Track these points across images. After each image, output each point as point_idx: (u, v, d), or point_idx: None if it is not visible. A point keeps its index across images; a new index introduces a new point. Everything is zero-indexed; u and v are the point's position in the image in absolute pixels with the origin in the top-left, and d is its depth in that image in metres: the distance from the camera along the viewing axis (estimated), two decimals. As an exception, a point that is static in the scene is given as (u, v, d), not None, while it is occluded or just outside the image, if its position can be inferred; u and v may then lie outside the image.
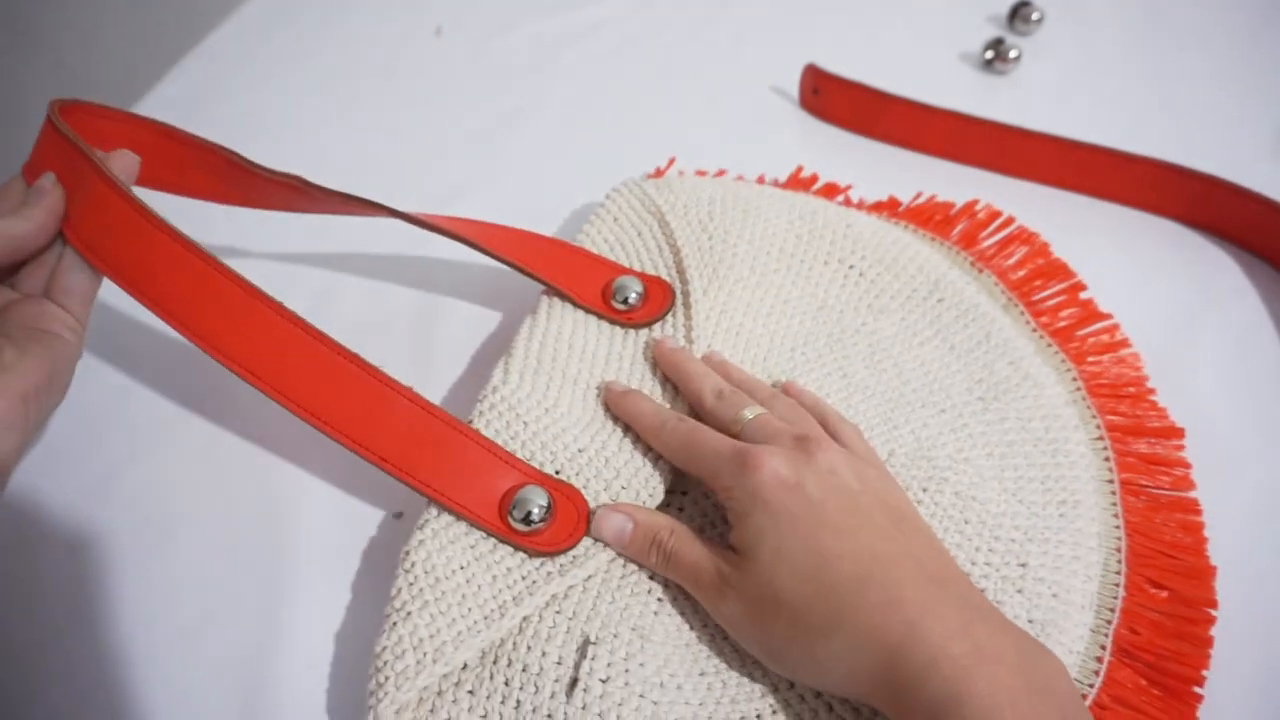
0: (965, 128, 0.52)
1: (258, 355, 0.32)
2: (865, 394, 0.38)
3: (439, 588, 0.31)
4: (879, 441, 0.36)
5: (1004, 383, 0.38)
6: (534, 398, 0.36)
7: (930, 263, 0.42)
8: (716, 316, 0.39)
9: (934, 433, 0.37)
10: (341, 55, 0.67)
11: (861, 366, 0.39)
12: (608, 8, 0.68)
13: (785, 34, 0.65)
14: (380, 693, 0.29)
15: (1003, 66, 0.59)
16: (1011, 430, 0.37)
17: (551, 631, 0.31)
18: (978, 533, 0.33)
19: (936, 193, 0.51)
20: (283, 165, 0.54)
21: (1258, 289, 0.45)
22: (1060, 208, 0.49)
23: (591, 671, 0.30)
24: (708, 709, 0.30)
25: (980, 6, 0.65)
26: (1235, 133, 0.53)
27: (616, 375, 0.37)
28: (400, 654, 0.29)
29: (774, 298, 0.41)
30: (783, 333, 0.40)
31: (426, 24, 0.69)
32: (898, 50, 0.62)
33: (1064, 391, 0.38)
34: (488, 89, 0.61)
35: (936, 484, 0.34)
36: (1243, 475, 0.37)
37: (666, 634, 0.31)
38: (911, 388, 0.38)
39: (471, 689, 0.30)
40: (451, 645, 0.30)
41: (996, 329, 0.40)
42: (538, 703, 0.29)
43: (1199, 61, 0.59)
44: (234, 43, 0.70)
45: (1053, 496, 0.35)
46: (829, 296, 0.41)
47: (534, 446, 0.34)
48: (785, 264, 0.42)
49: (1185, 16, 0.63)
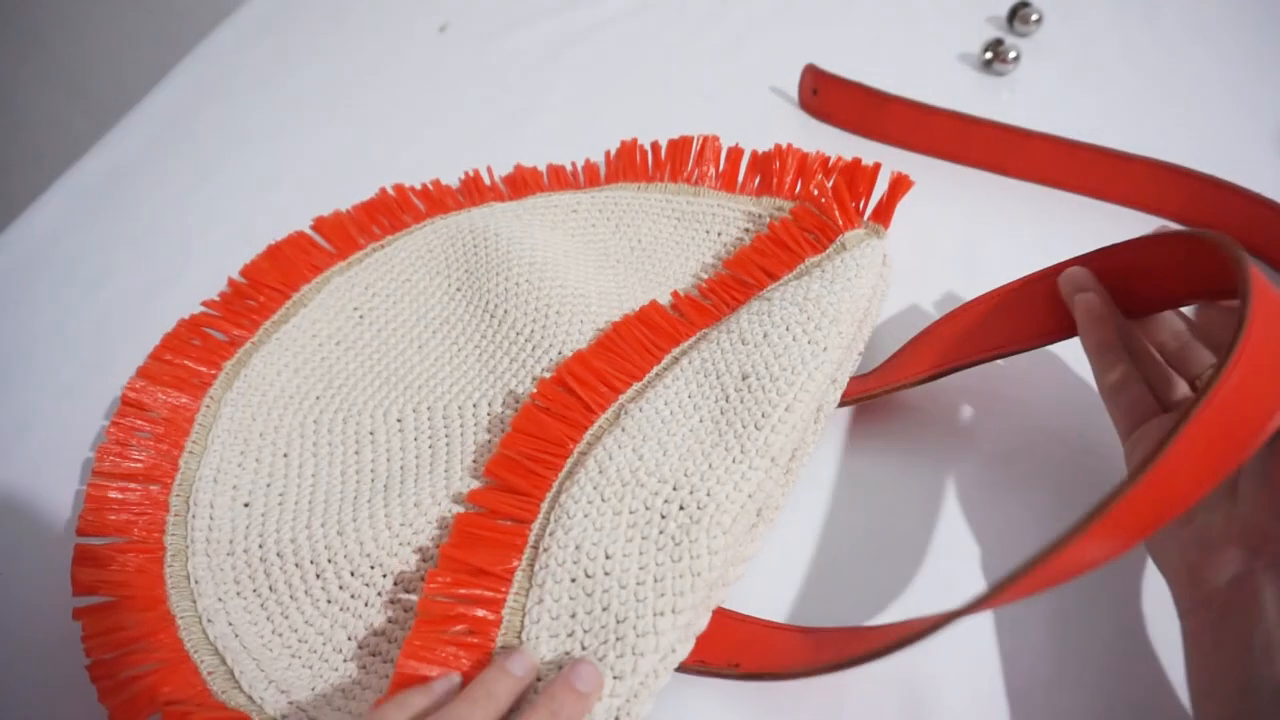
0: (964, 128, 0.52)
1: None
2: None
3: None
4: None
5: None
6: None
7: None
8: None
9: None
10: (341, 56, 0.67)
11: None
12: (608, 8, 0.68)
13: (785, 34, 0.65)
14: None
15: (1002, 67, 0.59)
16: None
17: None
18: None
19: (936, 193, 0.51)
20: (282, 166, 0.54)
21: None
22: (1060, 208, 0.49)
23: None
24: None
25: (979, 7, 0.65)
26: (1235, 133, 0.53)
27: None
28: None
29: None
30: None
31: (427, 24, 0.69)
32: (897, 51, 0.62)
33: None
34: (489, 89, 0.61)
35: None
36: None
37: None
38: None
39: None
40: None
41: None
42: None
43: (1199, 62, 0.59)
44: (234, 43, 0.70)
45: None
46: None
47: None
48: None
49: (1185, 17, 0.63)
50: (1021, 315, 0.37)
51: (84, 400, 0.44)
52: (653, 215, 0.48)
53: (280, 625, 0.35)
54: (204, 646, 0.33)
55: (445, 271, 0.47)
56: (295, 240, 0.50)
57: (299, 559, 0.35)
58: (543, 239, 0.47)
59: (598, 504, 0.33)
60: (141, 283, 0.50)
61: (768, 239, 0.44)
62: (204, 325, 0.45)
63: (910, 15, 0.66)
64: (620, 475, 0.34)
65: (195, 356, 0.44)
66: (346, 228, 0.50)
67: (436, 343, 0.45)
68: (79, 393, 0.44)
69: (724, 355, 0.37)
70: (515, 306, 0.44)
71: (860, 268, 0.40)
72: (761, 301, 0.39)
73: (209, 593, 0.35)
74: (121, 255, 0.52)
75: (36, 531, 0.39)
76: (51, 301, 0.50)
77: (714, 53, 0.64)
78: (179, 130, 0.62)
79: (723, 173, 0.49)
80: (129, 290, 0.49)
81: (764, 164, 0.49)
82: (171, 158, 0.59)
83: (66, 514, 0.39)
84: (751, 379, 0.35)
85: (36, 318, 0.49)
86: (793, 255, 0.43)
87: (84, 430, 0.43)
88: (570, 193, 0.51)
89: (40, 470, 0.41)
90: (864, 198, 0.44)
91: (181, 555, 0.36)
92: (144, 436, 0.40)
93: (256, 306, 0.46)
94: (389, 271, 0.48)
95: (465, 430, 0.40)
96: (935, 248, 0.47)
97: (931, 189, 0.51)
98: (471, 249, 0.47)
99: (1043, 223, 0.48)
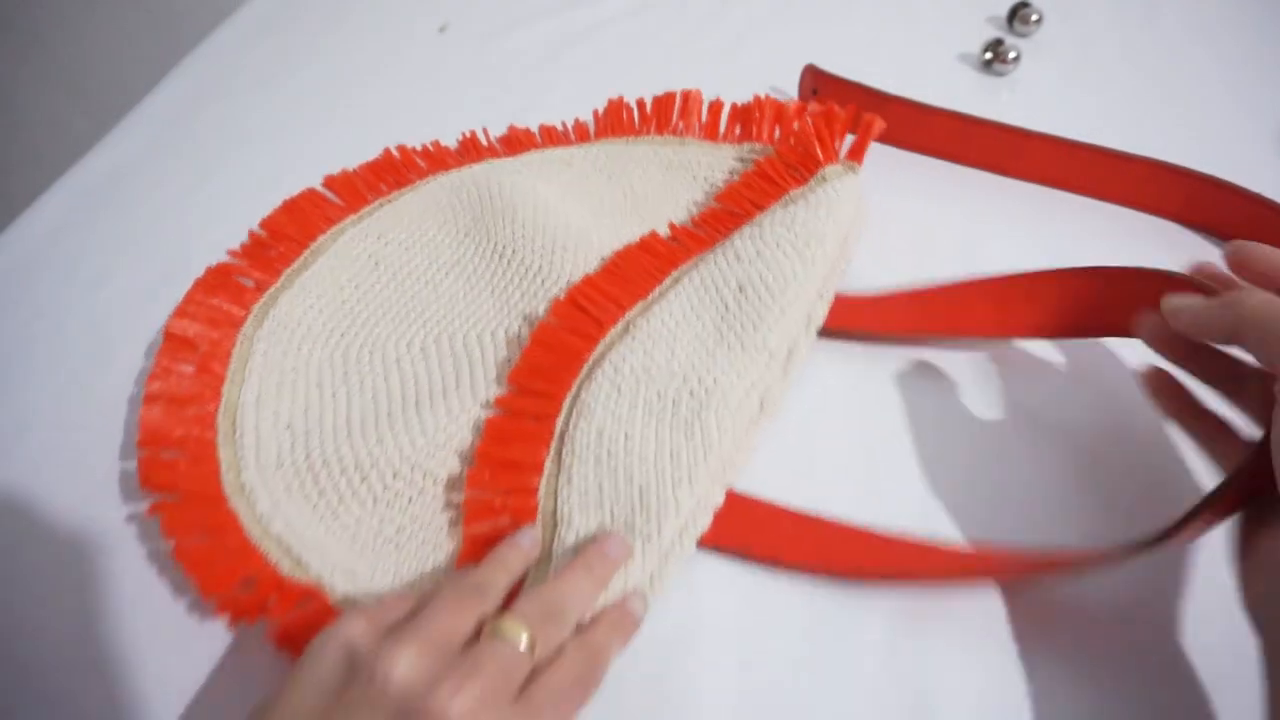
0: (964, 128, 0.52)
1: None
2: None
3: None
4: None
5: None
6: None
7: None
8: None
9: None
10: (341, 56, 0.67)
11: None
12: (608, 8, 0.68)
13: (785, 34, 0.65)
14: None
15: (1002, 67, 0.59)
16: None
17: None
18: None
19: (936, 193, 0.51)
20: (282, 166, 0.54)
21: (1257, 289, 0.45)
22: (1059, 208, 0.49)
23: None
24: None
25: (979, 7, 0.65)
26: (1235, 133, 0.53)
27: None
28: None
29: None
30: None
31: (428, 24, 0.69)
32: (897, 51, 0.62)
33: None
34: (489, 89, 0.61)
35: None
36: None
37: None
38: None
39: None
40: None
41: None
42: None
43: (1199, 62, 0.59)
44: (234, 43, 0.70)
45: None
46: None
47: None
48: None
49: (1185, 16, 0.63)
50: (1039, 306, 0.40)
51: (84, 400, 0.44)
52: (642, 165, 0.52)
53: (332, 525, 0.37)
54: (267, 539, 0.36)
55: (453, 220, 0.50)
56: (308, 195, 0.53)
57: (344, 466, 0.38)
58: (543, 189, 0.50)
59: (615, 396, 0.38)
60: (141, 283, 0.50)
61: (755, 175, 0.48)
62: (231, 272, 0.48)
63: (910, 15, 0.66)
64: (634, 372, 0.39)
65: (226, 298, 0.47)
66: (355, 184, 0.53)
67: (450, 283, 0.47)
68: (79, 393, 0.44)
69: (721, 271, 0.41)
70: (523, 245, 0.47)
71: (840, 196, 0.44)
72: (753, 226, 0.43)
73: (264, 499, 0.38)
74: (121, 255, 0.52)
75: (36, 531, 0.39)
76: (51, 301, 0.50)
77: (714, 53, 0.63)
78: (179, 130, 0.61)
79: (705, 124, 0.53)
80: (129, 290, 0.49)
81: (744, 114, 0.52)
82: (171, 158, 0.59)
83: (67, 514, 0.39)
84: (748, 289, 0.40)
85: (36, 318, 0.49)
86: (778, 188, 0.47)
87: (84, 430, 0.43)
88: (564, 148, 0.54)
89: (40, 470, 0.41)
90: (839, 137, 0.48)
91: (234, 468, 0.39)
92: (186, 368, 0.43)
93: (277, 255, 0.49)
94: (399, 223, 0.51)
95: (486, 353, 0.43)
96: (935, 248, 0.47)
97: (931, 189, 0.51)
98: (476, 199, 0.50)
99: (1043, 223, 0.48)
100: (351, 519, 0.38)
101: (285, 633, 0.33)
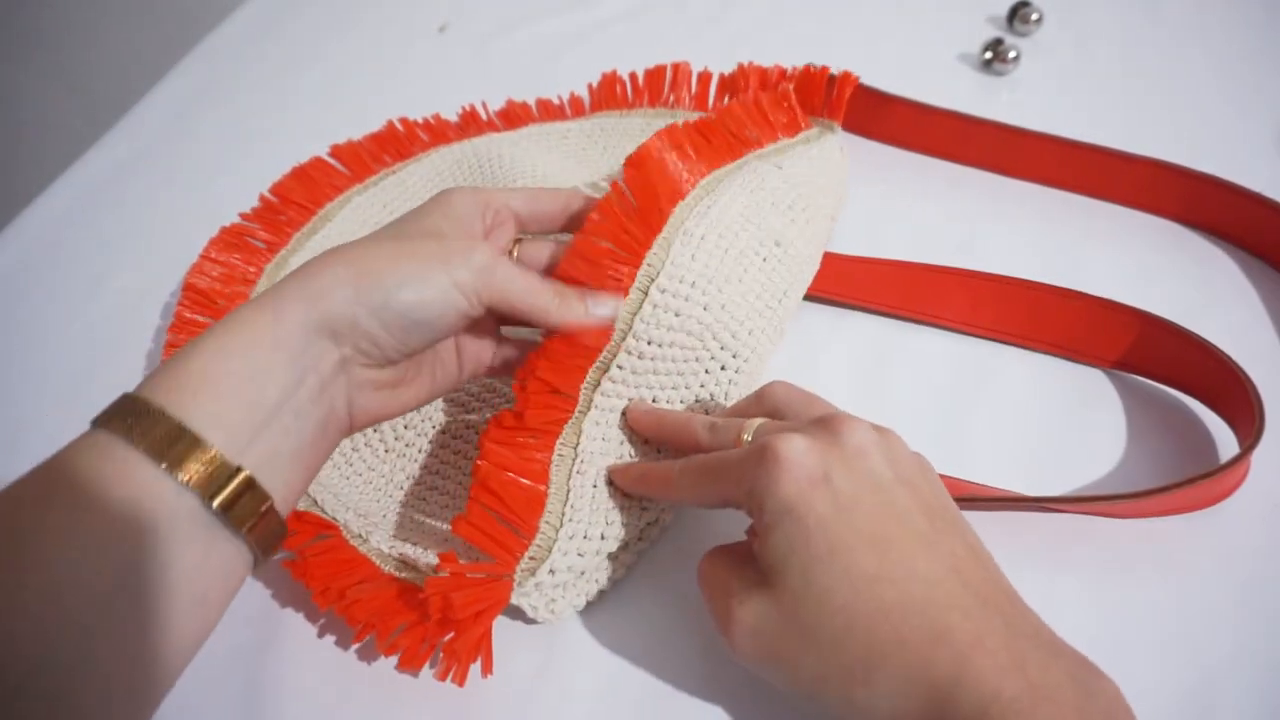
0: (965, 128, 0.52)
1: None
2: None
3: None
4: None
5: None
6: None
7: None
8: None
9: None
10: (342, 56, 0.67)
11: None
12: (608, 8, 0.68)
13: (785, 34, 0.65)
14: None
15: (1002, 67, 0.59)
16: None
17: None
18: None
19: (936, 193, 0.51)
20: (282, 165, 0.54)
21: (1257, 289, 0.45)
22: (1060, 208, 0.49)
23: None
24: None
25: (979, 7, 0.65)
26: (1235, 133, 0.53)
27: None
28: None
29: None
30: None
31: (427, 24, 0.69)
32: (897, 51, 0.62)
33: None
34: (489, 89, 0.61)
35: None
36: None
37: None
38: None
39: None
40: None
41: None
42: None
43: (1199, 61, 0.59)
44: (234, 43, 0.70)
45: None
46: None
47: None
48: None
49: (1185, 16, 0.63)
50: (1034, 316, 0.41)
51: (84, 400, 0.44)
52: (636, 137, 0.53)
53: (346, 471, 0.39)
54: None
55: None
56: (316, 163, 0.54)
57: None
58: (542, 160, 0.51)
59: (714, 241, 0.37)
60: (142, 282, 0.50)
61: (748, 104, 0.44)
62: (243, 234, 0.50)
63: (910, 15, 0.66)
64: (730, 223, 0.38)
65: (241, 257, 0.48)
66: (360, 154, 0.55)
67: None
68: (79, 393, 0.44)
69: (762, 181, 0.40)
70: None
71: (825, 157, 0.45)
72: (753, 171, 0.40)
73: None
74: (122, 255, 0.52)
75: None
76: (51, 301, 0.50)
77: (714, 54, 0.63)
78: (179, 130, 0.61)
79: (695, 94, 0.55)
80: (129, 290, 0.49)
81: (731, 83, 0.54)
82: (171, 158, 0.59)
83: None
84: (796, 206, 0.41)
85: (36, 318, 0.49)
86: (770, 129, 0.45)
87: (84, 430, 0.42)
88: (560, 122, 0.56)
89: (40, 470, 0.41)
90: (817, 96, 0.48)
91: None
92: (204, 320, 0.45)
93: (287, 220, 0.51)
94: (403, 193, 0.53)
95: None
96: (935, 248, 0.47)
97: (931, 189, 0.51)
98: (477, 169, 0.52)
99: (1043, 223, 0.48)
100: (365, 466, 0.39)
101: (303, 562, 0.34)
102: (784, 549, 0.26)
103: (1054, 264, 0.46)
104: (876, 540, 0.26)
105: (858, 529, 0.26)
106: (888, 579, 0.25)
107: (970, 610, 0.25)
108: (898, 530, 0.26)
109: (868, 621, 0.25)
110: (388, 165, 0.55)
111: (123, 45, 1.15)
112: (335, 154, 0.55)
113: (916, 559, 0.26)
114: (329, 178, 0.53)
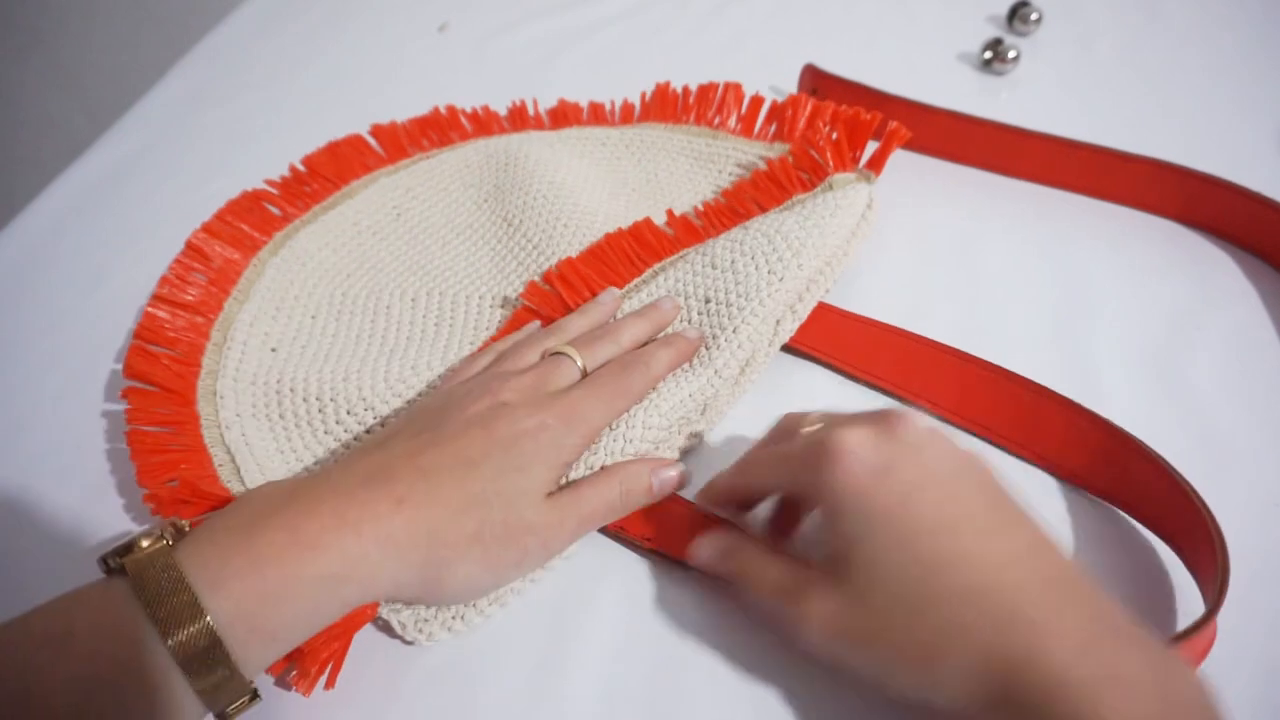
0: (964, 128, 0.52)
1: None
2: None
3: None
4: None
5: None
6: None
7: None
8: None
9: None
10: (341, 56, 0.67)
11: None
12: (608, 7, 0.68)
13: (785, 34, 0.65)
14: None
15: (1001, 67, 0.59)
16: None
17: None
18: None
19: (936, 193, 0.51)
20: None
21: (1257, 289, 0.45)
22: (1059, 208, 0.49)
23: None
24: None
25: (979, 7, 0.65)
26: (1235, 133, 0.53)
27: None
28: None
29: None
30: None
31: (427, 24, 0.69)
32: (896, 50, 0.62)
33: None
34: (489, 89, 0.61)
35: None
36: (1242, 475, 0.37)
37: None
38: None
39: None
40: None
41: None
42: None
43: (1199, 61, 0.59)
44: (234, 43, 0.70)
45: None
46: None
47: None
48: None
49: (1184, 16, 0.63)
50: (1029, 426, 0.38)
51: (84, 400, 0.44)
52: (672, 154, 0.53)
53: (284, 446, 0.40)
54: (219, 445, 0.39)
55: (478, 184, 0.52)
56: (353, 140, 0.56)
57: (306, 395, 0.41)
58: (568, 164, 0.52)
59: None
60: (142, 282, 0.50)
61: (764, 174, 0.47)
62: (263, 200, 0.52)
63: (910, 15, 0.66)
64: None
65: (251, 223, 0.50)
66: (399, 137, 0.56)
67: (459, 243, 0.50)
68: (79, 393, 0.44)
69: (694, 279, 0.41)
70: (529, 219, 0.49)
71: (839, 207, 0.43)
72: (740, 230, 0.43)
73: (230, 407, 0.41)
74: (121, 254, 0.52)
75: (36, 531, 0.39)
76: (51, 301, 0.50)
77: (714, 52, 0.64)
78: (179, 130, 0.62)
79: (743, 117, 0.53)
80: (129, 290, 0.49)
81: (780, 112, 0.52)
82: (170, 157, 0.59)
83: (66, 514, 0.39)
84: (712, 304, 0.40)
85: (36, 317, 0.49)
86: (783, 191, 0.46)
87: (84, 430, 0.42)
88: (603, 128, 0.56)
89: (40, 470, 0.41)
90: (860, 146, 0.47)
91: (213, 374, 0.42)
92: (199, 278, 0.47)
93: (310, 192, 0.53)
94: (430, 179, 0.53)
95: (468, 315, 0.45)
96: (935, 248, 0.47)
97: (931, 189, 0.51)
98: (503, 167, 0.52)
99: (1043, 223, 0.48)
100: (301, 444, 0.40)
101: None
102: (851, 539, 0.27)
103: (1053, 264, 0.46)
104: (942, 528, 0.26)
105: (923, 517, 0.26)
106: (956, 565, 0.25)
107: (1039, 594, 0.25)
108: (963, 518, 0.26)
109: (937, 606, 0.25)
110: (424, 150, 0.55)
111: (122, 45, 1.15)
112: (375, 133, 0.56)
113: (984, 545, 0.26)
114: (360, 156, 0.55)
